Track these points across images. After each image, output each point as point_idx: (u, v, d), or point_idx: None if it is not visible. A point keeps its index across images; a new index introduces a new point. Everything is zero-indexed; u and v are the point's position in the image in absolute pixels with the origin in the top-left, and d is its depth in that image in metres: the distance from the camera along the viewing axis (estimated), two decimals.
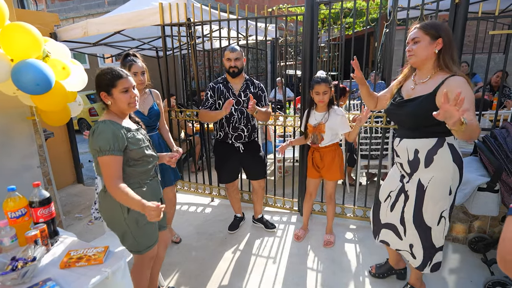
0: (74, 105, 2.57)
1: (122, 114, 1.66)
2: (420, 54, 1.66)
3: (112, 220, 1.69)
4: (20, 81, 1.85)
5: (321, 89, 2.36)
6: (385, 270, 2.30)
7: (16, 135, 2.50)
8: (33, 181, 1.50)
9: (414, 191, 1.77)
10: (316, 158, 2.58)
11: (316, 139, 2.51)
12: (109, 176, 1.50)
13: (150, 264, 1.84)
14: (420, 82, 1.73)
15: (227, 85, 2.62)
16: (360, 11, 9.71)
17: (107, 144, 1.48)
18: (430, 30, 1.63)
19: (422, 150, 1.71)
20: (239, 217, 3.09)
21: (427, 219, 1.77)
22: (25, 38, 1.87)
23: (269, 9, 5.25)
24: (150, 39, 5.15)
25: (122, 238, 1.70)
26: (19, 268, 1.20)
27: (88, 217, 3.41)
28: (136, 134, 1.65)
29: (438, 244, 1.82)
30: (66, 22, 9.02)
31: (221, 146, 2.75)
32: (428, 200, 1.74)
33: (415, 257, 1.89)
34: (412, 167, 1.77)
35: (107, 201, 1.64)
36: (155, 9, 3.30)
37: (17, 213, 1.40)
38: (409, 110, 1.72)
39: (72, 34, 3.86)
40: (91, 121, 8.77)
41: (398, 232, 1.94)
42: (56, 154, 3.96)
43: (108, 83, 1.56)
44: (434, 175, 1.70)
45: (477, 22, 2.36)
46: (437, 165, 1.68)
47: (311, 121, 2.51)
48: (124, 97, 1.58)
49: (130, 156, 1.60)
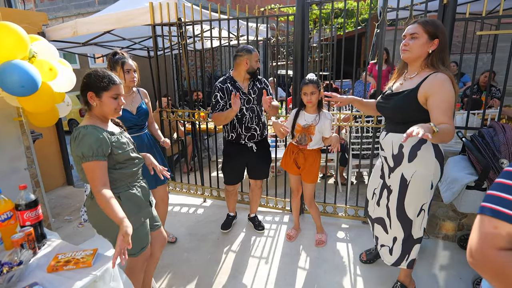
0: (63, 105, 2.52)
1: (105, 118, 1.62)
2: (415, 50, 1.69)
3: (102, 226, 1.65)
4: (4, 83, 1.81)
5: (308, 89, 2.37)
6: (374, 256, 2.46)
7: (3, 137, 2.45)
8: (20, 183, 1.48)
9: (397, 185, 1.84)
10: (300, 158, 2.57)
11: (303, 140, 2.50)
12: (94, 182, 1.46)
13: (144, 266, 1.83)
14: (409, 77, 1.79)
15: (235, 84, 2.55)
16: (351, 11, 9.78)
17: (90, 149, 1.45)
18: (430, 29, 1.65)
19: (407, 145, 1.76)
20: (232, 215, 3.08)
21: (409, 212, 1.86)
22: (10, 38, 1.83)
23: (260, 9, 5.25)
24: (141, 39, 5.10)
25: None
26: (5, 273, 1.18)
27: (78, 219, 3.37)
28: (120, 137, 1.63)
29: (416, 235, 1.91)
30: (55, 21, 8.89)
31: (233, 147, 2.69)
32: (410, 194, 1.81)
33: (392, 254, 2.00)
34: (396, 161, 1.84)
35: (95, 208, 1.58)
36: (146, 8, 3.27)
37: (2, 216, 1.37)
38: (394, 103, 1.80)
39: (61, 33, 3.80)
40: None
41: (385, 225, 2.03)
42: (45, 155, 3.89)
43: (101, 86, 1.53)
44: (416, 170, 1.76)
45: (465, 22, 2.39)
46: (420, 160, 1.74)
47: (300, 121, 2.50)
48: (112, 103, 1.57)
49: (115, 159, 1.57)
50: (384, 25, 2.64)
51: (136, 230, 1.63)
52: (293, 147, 2.62)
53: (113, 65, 2.28)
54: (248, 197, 3.04)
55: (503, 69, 2.43)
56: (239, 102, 2.35)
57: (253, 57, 2.51)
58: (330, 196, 3.30)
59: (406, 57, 1.74)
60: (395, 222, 1.94)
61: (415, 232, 1.90)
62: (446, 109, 1.58)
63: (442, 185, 2.21)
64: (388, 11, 2.64)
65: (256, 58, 2.53)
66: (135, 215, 1.64)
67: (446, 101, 1.59)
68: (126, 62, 2.27)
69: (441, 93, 1.60)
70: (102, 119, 1.61)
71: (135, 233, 1.62)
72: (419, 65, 1.74)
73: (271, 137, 4.14)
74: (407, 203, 1.84)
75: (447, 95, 1.59)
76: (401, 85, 1.82)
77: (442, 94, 1.60)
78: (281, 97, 6.48)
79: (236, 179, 2.84)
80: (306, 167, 2.56)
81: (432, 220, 2.71)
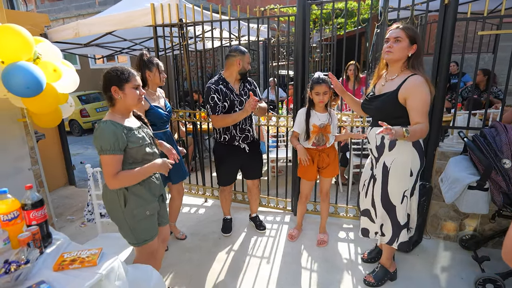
0: (66, 106, 2.54)
1: (127, 111, 1.72)
2: (398, 53, 1.83)
3: (111, 211, 1.77)
4: (10, 84, 1.83)
5: (321, 89, 2.36)
6: (375, 254, 2.50)
7: (7, 137, 2.47)
8: (24, 183, 1.49)
9: (380, 172, 1.99)
10: (324, 159, 2.54)
11: (322, 140, 2.47)
12: (108, 173, 1.59)
13: (149, 259, 1.89)
14: (390, 79, 1.92)
15: (227, 86, 2.53)
16: (352, 11, 9.79)
17: (108, 143, 1.56)
18: (411, 34, 1.81)
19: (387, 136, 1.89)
20: (229, 218, 3.07)
21: (392, 197, 1.99)
22: (15, 40, 1.85)
23: (261, 9, 5.26)
24: (142, 39, 5.13)
25: (120, 229, 1.80)
26: (12, 271, 1.19)
27: (80, 219, 3.38)
28: (137, 132, 1.70)
29: (402, 221, 2.03)
30: (56, 22, 8.90)
31: (226, 148, 2.67)
32: (391, 180, 1.96)
33: (385, 235, 2.12)
34: (379, 152, 2.00)
35: (106, 194, 1.75)
36: (147, 9, 3.28)
37: (9, 215, 1.38)
38: (377, 105, 1.95)
39: (63, 35, 3.82)
40: (82, 122, 8.68)
41: (371, 215, 2.18)
42: (47, 156, 3.91)
43: (123, 78, 1.63)
44: (395, 158, 1.93)
45: (466, 22, 2.40)
46: (398, 149, 1.91)
47: (314, 121, 2.45)
48: (134, 93, 1.67)
49: (130, 154, 1.66)
50: (385, 25, 2.65)
51: (140, 221, 1.75)
52: (311, 152, 2.53)
53: (149, 66, 2.41)
54: (249, 197, 3.04)
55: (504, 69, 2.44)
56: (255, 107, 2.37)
57: (246, 58, 2.52)
58: (331, 196, 3.30)
59: (389, 58, 1.87)
60: (380, 210, 2.07)
61: (400, 218, 2.03)
62: (421, 109, 1.77)
63: (443, 185, 2.22)
64: (389, 11, 2.65)
65: (248, 60, 2.54)
66: (140, 207, 1.73)
67: (421, 102, 1.77)
68: (159, 63, 2.46)
69: (418, 94, 1.77)
70: (124, 114, 1.71)
71: (139, 224, 1.75)
72: (399, 67, 1.88)
73: (272, 137, 4.16)
74: (390, 189, 1.98)
75: (423, 97, 1.77)
76: (383, 86, 1.95)
77: (419, 96, 1.77)
78: (282, 97, 6.50)
79: (230, 180, 2.86)
80: (329, 164, 2.59)
81: (433, 220, 2.72)
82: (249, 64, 2.56)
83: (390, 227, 2.06)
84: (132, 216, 1.72)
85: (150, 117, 2.40)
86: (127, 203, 1.70)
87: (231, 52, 2.51)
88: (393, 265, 2.28)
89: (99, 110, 8.92)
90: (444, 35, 2.37)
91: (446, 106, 3.98)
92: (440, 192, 2.37)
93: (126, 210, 1.70)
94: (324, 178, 2.67)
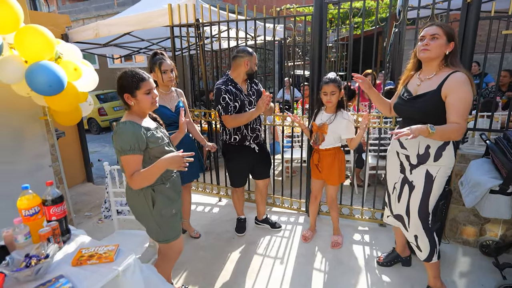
0: (85, 105, 2.61)
1: (143, 113, 1.74)
2: (435, 50, 1.74)
3: (138, 211, 1.81)
4: (33, 83, 1.89)
5: (328, 89, 2.35)
6: (391, 259, 2.41)
7: (29, 135, 2.55)
8: (45, 180, 1.53)
9: (422, 181, 1.88)
10: (315, 159, 2.59)
11: (317, 139, 2.51)
12: (128, 173, 1.61)
13: (176, 256, 1.97)
14: (426, 78, 1.82)
15: (236, 86, 2.53)
16: (369, 10, 9.64)
17: (128, 144, 1.58)
18: (448, 31, 1.73)
19: (433, 147, 1.82)
20: (243, 218, 3.07)
21: (430, 206, 1.92)
22: (38, 40, 1.91)
23: (277, 9, 5.24)
24: (159, 39, 5.20)
25: (148, 228, 1.83)
26: (33, 265, 1.23)
27: (97, 216, 3.46)
28: (155, 132, 1.73)
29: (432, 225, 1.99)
30: (76, 23, 9.15)
31: (237, 149, 2.67)
32: (435, 189, 1.88)
33: (421, 250, 1.99)
34: (420, 160, 1.88)
35: (132, 197, 1.77)
36: (164, 10, 3.33)
37: (30, 211, 1.43)
38: (419, 106, 1.81)
39: (83, 35, 3.92)
40: (100, 120, 8.88)
41: (404, 223, 2.06)
42: (66, 153, 4.01)
43: (133, 86, 1.63)
44: (441, 167, 1.85)
45: (490, 21, 2.32)
46: (444, 159, 1.83)
47: (316, 120, 2.51)
48: (147, 98, 1.67)
49: (151, 154, 1.68)
50: (404, 24, 2.59)
51: (168, 219, 1.79)
52: (313, 149, 2.63)
53: (152, 66, 2.42)
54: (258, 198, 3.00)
55: None
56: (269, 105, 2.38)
57: (253, 59, 2.52)
58: (346, 198, 3.27)
59: (425, 56, 1.78)
60: (414, 219, 1.96)
61: (431, 223, 1.98)
62: (460, 108, 1.66)
63: (464, 189, 2.15)
64: (408, 10, 2.59)
65: (255, 60, 2.53)
66: (167, 207, 1.77)
67: (462, 101, 1.66)
68: (163, 63, 2.39)
69: (460, 92, 1.66)
70: (141, 115, 1.72)
71: (168, 222, 1.80)
72: (436, 66, 1.79)
73: (286, 137, 4.14)
74: (432, 198, 1.89)
75: (465, 95, 1.66)
76: (419, 86, 1.85)
77: (460, 94, 1.66)
78: (297, 97, 6.47)
79: (243, 181, 2.87)
80: (323, 168, 2.55)
81: (452, 225, 2.64)
82: (256, 64, 2.56)
83: (426, 238, 1.96)
84: (160, 215, 1.76)
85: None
86: (155, 203, 1.73)
87: (239, 53, 2.51)
88: (444, 286, 2.11)
89: (116, 108, 9.11)
90: (466, 35, 2.30)
91: None
92: (459, 196, 2.30)
93: (154, 210, 1.74)
94: (327, 185, 2.65)
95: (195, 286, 2.33)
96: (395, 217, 2.14)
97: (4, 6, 1.80)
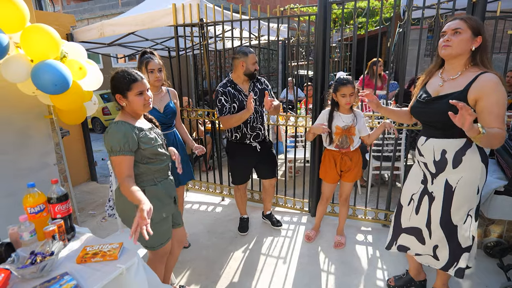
0: (90, 104, 2.62)
1: (136, 114, 1.70)
2: (458, 46, 1.55)
3: (125, 216, 1.76)
4: (39, 81, 1.90)
5: (348, 91, 2.27)
6: (404, 282, 2.18)
7: (35, 134, 2.57)
8: (50, 178, 1.54)
9: (442, 192, 1.70)
10: (346, 162, 2.46)
11: (345, 143, 2.41)
12: (120, 174, 1.57)
13: (163, 260, 1.89)
14: (450, 78, 1.63)
15: (236, 87, 2.57)
16: (373, 10, 9.61)
17: (118, 145, 1.54)
18: (474, 24, 1.54)
19: (450, 151, 1.64)
20: (246, 218, 3.09)
21: (454, 218, 1.71)
22: (44, 39, 1.92)
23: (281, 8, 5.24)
24: (163, 39, 5.21)
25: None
26: (38, 262, 1.24)
27: (101, 214, 3.48)
28: (148, 133, 1.69)
29: (464, 244, 1.74)
30: (81, 23, 9.21)
31: (238, 147, 2.71)
32: (456, 201, 1.68)
33: (438, 259, 1.82)
34: (438, 168, 1.70)
35: (120, 199, 1.70)
36: (169, 10, 3.34)
37: (36, 208, 1.44)
38: (440, 108, 1.61)
39: (88, 35, 3.94)
40: (104, 119, 8.93)
41: (422, 235, 1.86)
42: (70, 152, 4.04)
43: (124, 87, 1.60)
44: (462, 176, 1.64)
45: (495, 21, 2.31)
46: (465, 165, 1.62)
47: (338, 123, 2.38)
48: (138, 100, 1.63)
49: (143, 154, 1.65)
50: (409, 24, 2.58)
51: (156, 224, 1.70)
52: (334, 154, 2.49)
53: (140, 65, 2.38)
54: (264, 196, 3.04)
55: None
56: (253, 106, 2.37)
57: (249, 59, 2.50)
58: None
59: (447, 53, 1.59)
60: (436, 230, 1.77)
61: (462, 240, 1.73)
62: (498, 113, 1.47)
63: None
64: (413, 10, 2.58)
65: (253, 60, 2.52)
66: (157, 210, 1.69)
67: (499, 105, 1.48)
68: (150, 62, 2.33)
69: (494, 95, 1.48)
70: (134, 115, 1.69)
71: (156, 228, 1.69)
72: (462, 64, 1.60)
73: (290, 137, 4.13)
74: (453, 210, 1.70)
75: (500, 98, 1.47)
76: (441, 87, 1.65)
77: (496, 97, 1.48)
78: (300, 97, 6.46)
79: (244, 179, 2.87)
80: (351, 168, 2.50)
81: None
82: (254, 64, 2.53)
83: (447, 250, 1.77)
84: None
85: None
86: None
87: (235, 55, 2.54)
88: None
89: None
90: None
91: None
92: None
93: None
94: (344, 182, 2.59)
95: (198, 285, 2.33)
96: (406, 230, 1.94)
97: (11, 6, 1.81)
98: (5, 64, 1.92)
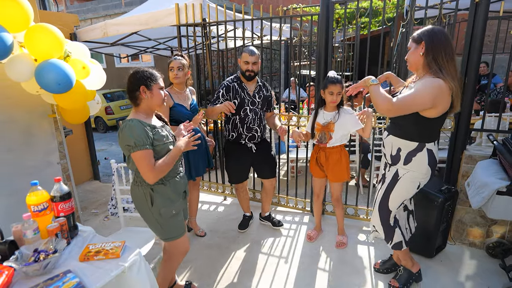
0: (93, 103, 2.64)
1: (150, 111, 1.76)
2: (410, 59, 1.83)
3: (140, 209, 1.83)
4: (42, 81, 1.92)
5: (336, 89, 2.34)
6: (389, 266, 2.37)
7: (38, 132, 2.59)
8: (53, 176, 1.55)
9: (390, 177, 1.98)
10: (321, 157, 2.57)
11: (324, 138, 2.50)
12: (143, 169, 1.62)
13: (180, 256, 1.98)
14: (413, 81, 1.89)
15: (241, 84, 2.61)
16: (376, 10, 9.58)
17: (141, 139, 1.60)
18: (415, 37, 1.79)
19: (404, 150, 1.89)
20: (248, 216, 3.10)
21: (390, 204, 1.99)
22: (48, 38, 1.94)
23: (284, 8, 5.24)
24: (166, 39, 5.23)
25: (151, 226, 1.86)
26: (41, 260, 1.25)
27: (104, 213, 3.50)
28: (160, 131, 1.74)
29: (392, 223, 2.05)
30: (84, 22, 9.24)
31: (233, 146, 2.75)
32: (397, 190, 1.95)
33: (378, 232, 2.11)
34: (393, 161, 1.96)
35: (134, 193, 1.81)
36: (172, 10, 3.35)
37: (39, 206, 1.45)
38: None
39: (92, 35, 3.96)
40: (107, 119, 8.96)
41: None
42: (73, 151, 4.06)
43: (151, 78, 1.69)
44: (409, 171, 1.90)
45: (498, 21, 2.30)
46: (414, 164, 1.87)
47: (319, 120, 2.50)
48: (160, 94, 1.73)
49: (156, 151, 1.69)
50: (411, 24, 2.58)
51: (168, 219, 1.80)
52: (316, 149, 2.62)
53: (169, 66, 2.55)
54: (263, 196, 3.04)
55: None
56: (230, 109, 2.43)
57: (242, 58, 2.54)
58: (352, 198, 3.26)
59: (409, 67, 1.89)
60: (375, 211, 2.08)
61: (391, 220, 2.05)
62: (406, 97, 1.71)
63: (470, 190, 2.13)
64: (415, 10, 2.57)
65: (244, 59, 2.52)
66: (165, 207, 1.78)
67: (412, 94, 1.69)
68: (172, 61, 2.52)
69: (418, 88, 1.70)
70: (147, 113, 1.75)
71: (168, 222, 1.81)
72: (421, 71, 1.82)
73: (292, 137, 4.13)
74: (392, 197, 1.97)
75: (419, 92, 1.67)
76: (406, 88, 1.92)
77: (417, 89, 1.70)
78: (302, 97, 6.46)
79: (238, 178, 2.87)
80: (330, 166, 2.54)
81: (458, 226, 2.62)
82: (247, 64, 2.52)
83: (383, 235, 2.07)
84: (159, 214, 1.77)
85: (173, 114, 2.47)
86: (154, 202, 1.75)
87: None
88: (416, 265, 2.19)
89: (123, 107, 9.18)
90: (474, 35, 2.28)
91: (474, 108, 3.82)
92: (466, 197, 2.28)
93: (153, 208, 1.76)
94: (332, 183, 2.65)
95: (200, 283, 2.34)
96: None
97: (15, 6, 1.83)
98: (9, 63, 1.94)
